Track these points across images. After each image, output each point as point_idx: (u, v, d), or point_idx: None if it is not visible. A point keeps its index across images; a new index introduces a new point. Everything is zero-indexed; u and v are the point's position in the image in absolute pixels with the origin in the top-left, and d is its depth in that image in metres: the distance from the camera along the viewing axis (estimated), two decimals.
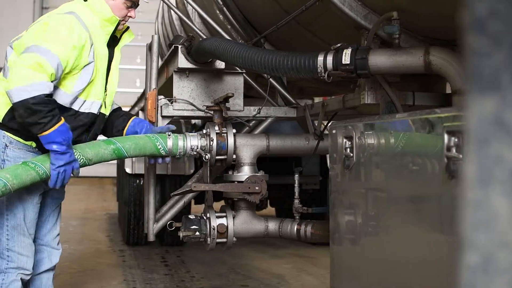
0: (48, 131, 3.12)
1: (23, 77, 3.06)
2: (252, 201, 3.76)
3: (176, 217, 4.41)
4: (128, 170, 7.14)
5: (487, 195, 0.80)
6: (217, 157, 3.83)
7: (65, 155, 3.19)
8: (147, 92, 4.25)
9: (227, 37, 4.40)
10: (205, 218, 3.84)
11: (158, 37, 4.22)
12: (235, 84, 4.28)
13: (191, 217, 3.84)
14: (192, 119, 7.34)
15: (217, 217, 3.83)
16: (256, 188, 3.72)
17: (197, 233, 3.80)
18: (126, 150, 3.49)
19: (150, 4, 4.01)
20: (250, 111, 4.35)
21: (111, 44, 3.55)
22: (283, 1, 3.80)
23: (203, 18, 4.91)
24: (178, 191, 3.92)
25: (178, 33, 6.64)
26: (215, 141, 3.80)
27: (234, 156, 3.86)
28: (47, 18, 3.34)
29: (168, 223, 4.01)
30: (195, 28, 4.64)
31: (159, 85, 4.53)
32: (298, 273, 6.24)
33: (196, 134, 3.82)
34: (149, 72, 4.27)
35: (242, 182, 3.78)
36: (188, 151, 3.74)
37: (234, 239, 3.86)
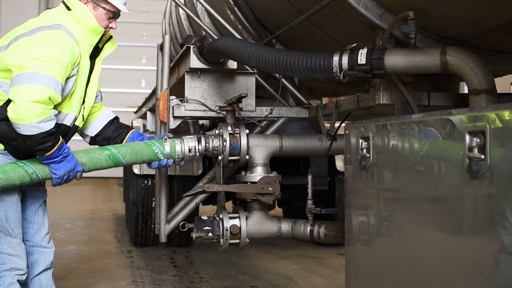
0: (49, 153, 3.20)
1: (34, 115, 3.06)
2: (265, 202, 3.74)
3: (186, 218, 4.40)
4: (136, 171, 7.13)
5: None
6: (230, 158, 3.81)
7: (62, 164, 3.24)
8: (158, 93, 4.23)
9: (239, 37, 4.39)
10: (218, 219, 3.82)
11: (174, 37, 4.20)
12: (247, 85, 4.26)
13: (204, 218, 3.82)
14: (203, 120, 7.33)
15: (230, 218, 3.81)
16: (270, 189, 3.71)
17: (210, 234, 3.79)
18: (122, 156, 3.44)
19: (155, 5, 3.99)
20: (262, 112, 4.34)
21: (93, 56, 3.48)
22: (296, 1, 3.79)
23: (213, 18, 4.90)
24: (191, 192, 3.90)
25: (187, 33, 6.62)
26: (228, 142, 3.78)
27: (247, 157, 3.84)
28: (38, 34, 3.22)
29: (181, 224, 4.00)
30: (206, 28, 4.62)
31: (170, 86, 4.51)
32: (307, 274, 6.22)
33: (193, 136, 3.77)
34: (161, 72, 4.26)
35: (255, 183, 3.76)
36: (186, 154, 3.69)
37: (247, 240, 3.84)
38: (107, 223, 9.85)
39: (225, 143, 3.79)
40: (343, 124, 3.76)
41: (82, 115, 3.49)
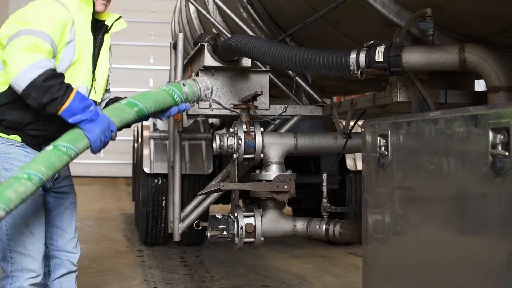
0: (67, 103, 2.93)
1: (22, 61, 2.89)
2: (281, 200, 3.73)
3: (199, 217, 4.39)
4: (147, 170, 7.13)
5: None
6: (245, 156, 3.80)
7: (96, 122, 2.98)
8: None
9: (253, 35, 4.37)
10: (233, 218, 3.80)
11: (184, 35, 4.19)
12: (261, 83, 4.24)
13: (218, 217, 3.81)
14: (216, 118, 7.32)
15: (245, 217, 3.80)
16: (285, 187, 3.69)
17: (225, 233, 3.77)
18: (148, 109, 3.30)
19: (163, 4, 3.96)
20: (276, 110, 4.32)
21: (101, 31, 3.39)
22: None
23: (225, 16, 4.89)
24: (205, 190, 3.89)
25: (197, 32, 6.62)
26: (243, 140, 3.77)
27: (262, 155, 3.82)
28: (26, 6, 3.16)
29: (195, 223, 3.98)
30: (219, 26, 4.61)
31: None
32: (319, 273, 6.21)
33: (205, 77, 3.62)
34: (174, 71, 4.25)
35: (270, 181, 3.74)
36: (203, 93, 3.45)
37: (262, 239, 3.83)
38: (117, 223, 9.86)
39: (240, 141, 3.77)
40: (358, 122, 3.74)
41: (95, 89, 3.36)
